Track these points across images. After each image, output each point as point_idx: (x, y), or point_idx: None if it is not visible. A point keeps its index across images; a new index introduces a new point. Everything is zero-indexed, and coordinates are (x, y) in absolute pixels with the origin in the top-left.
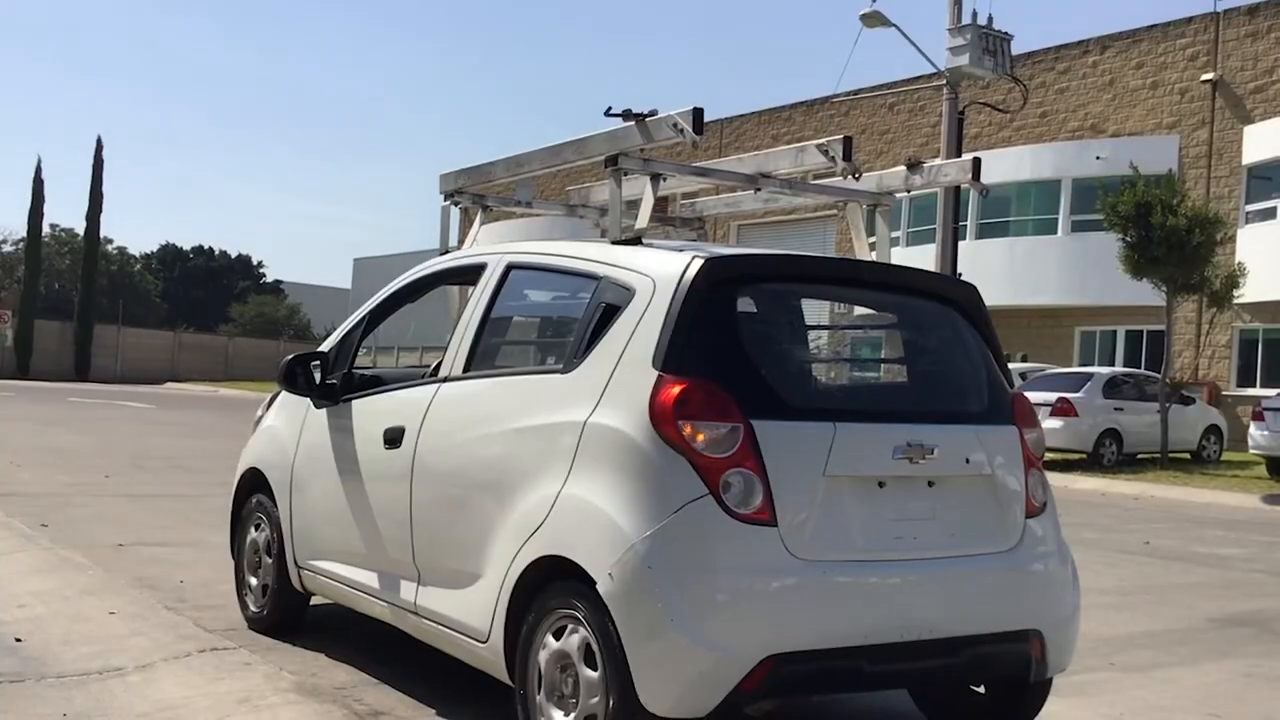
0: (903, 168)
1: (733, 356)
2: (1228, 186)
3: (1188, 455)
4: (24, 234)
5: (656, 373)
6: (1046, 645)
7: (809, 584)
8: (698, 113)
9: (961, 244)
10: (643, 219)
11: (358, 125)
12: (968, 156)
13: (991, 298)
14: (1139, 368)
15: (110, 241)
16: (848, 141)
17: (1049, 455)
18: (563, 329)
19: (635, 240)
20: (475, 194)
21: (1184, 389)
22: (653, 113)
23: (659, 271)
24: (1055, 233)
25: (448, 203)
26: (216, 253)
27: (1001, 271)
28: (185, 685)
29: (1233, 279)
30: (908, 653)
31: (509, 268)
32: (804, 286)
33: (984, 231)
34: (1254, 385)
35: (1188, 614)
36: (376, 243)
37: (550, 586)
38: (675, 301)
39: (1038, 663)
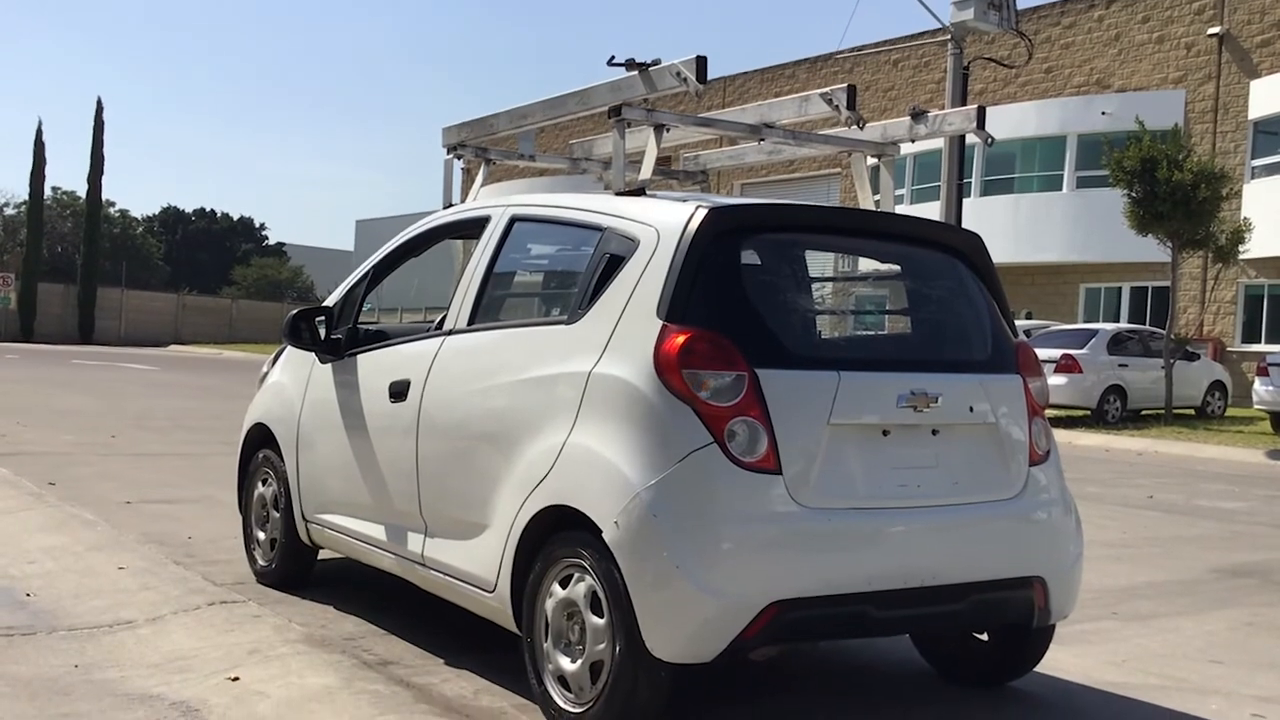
0: (907, 117)
1: (737, 306)
2: (1234, 141)
3: (1192, 411)
4: (26, 197)
5: (661, 323)
6: (1049, 592)
7: (813, 531)
8: (701, 61)
9: (966, 201)
10: (646, 170)
11: (360, 86)
12: (972, 105)
13: (996, 255)
14: (1144, 324)
15: (112, 204)
16: (851, 90)
17: (1053, 412)
18: (567, 280)
19: (639, 191)
20: (478, 147)
21: (1188, 345)
22: (655, 62)
23: (662, 222)
24: (1060, 189)
25: (450, 156)
26: (218, 215)
27: (1006, 228)
28: (195, 637)
29: (1238, 234)
30: (911, 599)
31: (513, 220)
32: (808, 236)
33: (989, 188)
34: (1259, 341)
35: (1190, 565)
36: (379, 204)
37: (556, 536)
38: (679, 251)
39: (1040, 610)
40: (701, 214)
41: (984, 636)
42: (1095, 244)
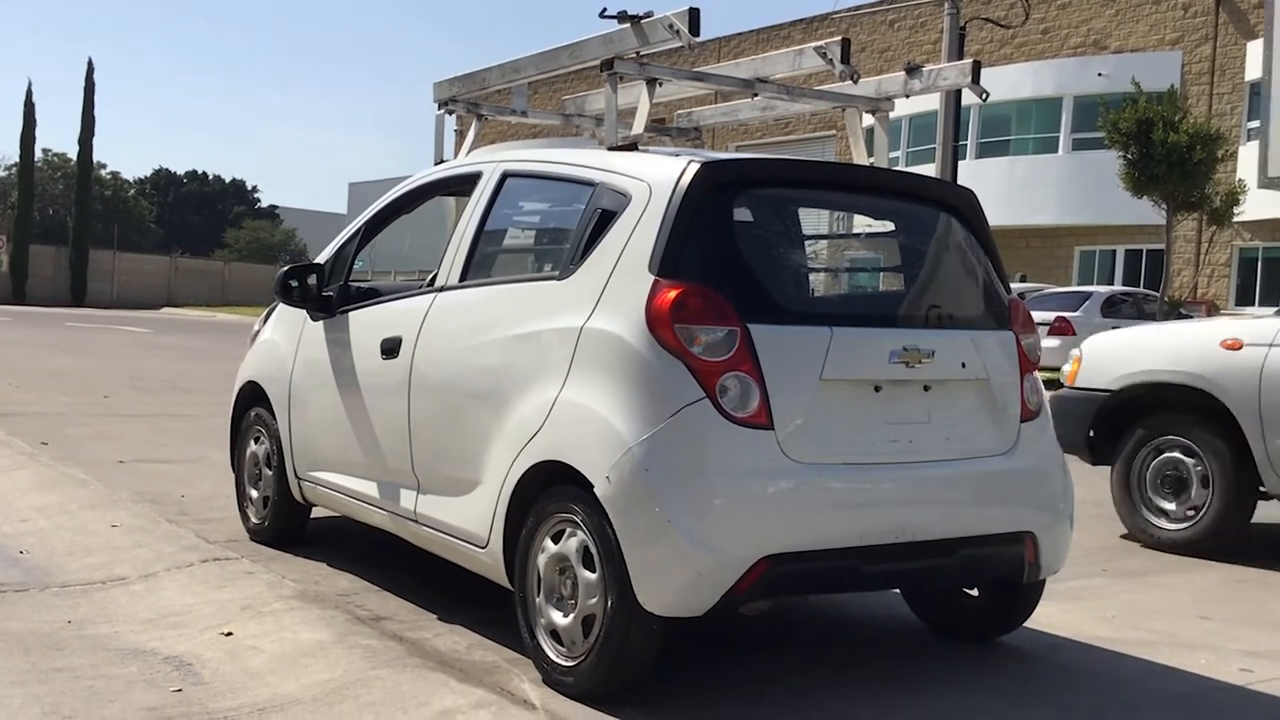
0: (902, 73)
1: (729, 260)
2: (1230, 103)
3: None
4: (16, 159)
5: (653, 277)
6: (1040, 547)
7: (805, 486)
8: (693, 13)
9: (961, 163)
10: (639, 124)
11: (354, 47)
12: (967, 60)
13: (991, 218)
14: (1138, 287)
15: (104, 166)
16: (845, 44)
17: (1047, 374)
18: (559, 236)
19: (631, 146)
20: (469, 102)
21: (1182, 307)
22: (648, 14)
23: (655, 176)
24: (1056, 151)
25: (442, 111)
26: (210, 177)
27: (1001, 191)
28: (188, 593)
29: (1233, 196)
30: (902, 554)
31: (505, 176)
32: (801, 191)
33: (984, 150)
34: (1252, 303)
35: None
36: (372, 167)
37: (548, 491)
38: (671, 206)
39: (1031, 565)
40: (694, 168)
41: (974, 592)
42: (1090, 206)
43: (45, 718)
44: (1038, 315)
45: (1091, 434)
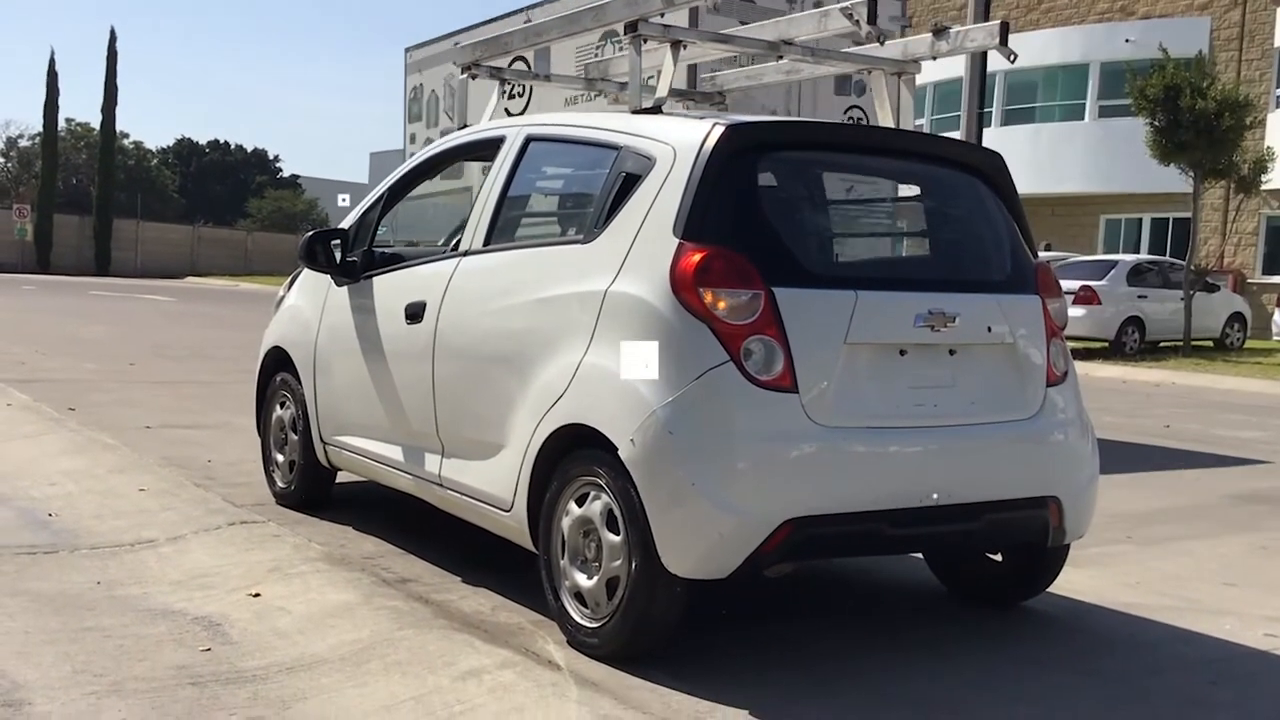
0: (929, 34)
1: (754, 224)
2: (1259, 69)
3: (1210, 343)
4: (40, 128)
5: (677, 240)
6: (1064, 512)
7: (829, 449)
8: None
9: (986, 130)
10: (663, 88)
11: (374, 16)
12: (995, 20)
13: (1018, 186)
14: (1164, 255)
15: (126, 136)
16: (872, 4)
17: (1071, 343)
18: (583, 200)
19: (655, 109)
20: (493, 66)
21: (1209, 276)
22: None
23: (679, 139)
24: (1082, 118)
25: (465, 75)
26: (232, 147)
27: (1027, 159)
28: (216, 555)
29: (1261, 164)
30: (925, 517)
31: (528, 140)
32: (826, 154)
33: (1010, 118)
34: (1279, 273)
35: (1206, 492)
36: (393, 137)
37: (572, 454)
38: (696, 169)
39: (1055, 529)
40: (719, 131)
41: (998, 556)
42: (1116, 174)
43: (77, 675)
44: (1063, 284)
45: None
